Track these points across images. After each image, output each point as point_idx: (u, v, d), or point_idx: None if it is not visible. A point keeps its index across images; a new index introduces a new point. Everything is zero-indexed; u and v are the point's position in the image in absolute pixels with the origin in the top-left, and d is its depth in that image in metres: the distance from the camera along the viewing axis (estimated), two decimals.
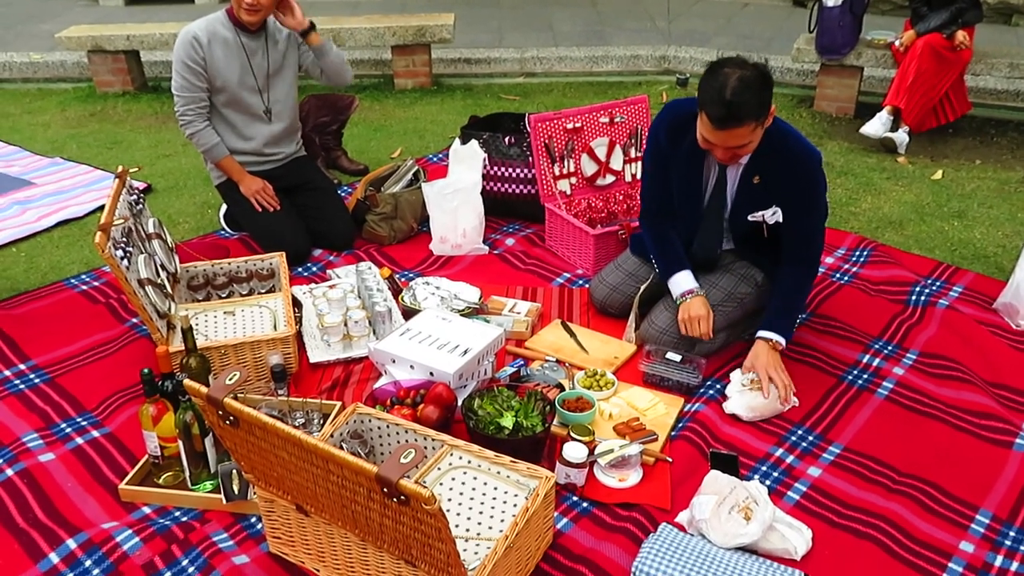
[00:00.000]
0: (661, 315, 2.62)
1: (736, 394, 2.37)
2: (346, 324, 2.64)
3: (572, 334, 2.76)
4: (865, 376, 2.55)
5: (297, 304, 2.84)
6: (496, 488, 1.84)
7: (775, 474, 2.15)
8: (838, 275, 3.15)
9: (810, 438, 2.29)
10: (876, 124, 4.49)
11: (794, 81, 5.72)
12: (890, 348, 2.69)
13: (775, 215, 2.47)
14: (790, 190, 2.42)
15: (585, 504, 2.04)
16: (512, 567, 1.72)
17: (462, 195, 3.28)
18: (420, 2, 7.73)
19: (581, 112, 3.39)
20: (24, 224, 3.66)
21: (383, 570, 1.69)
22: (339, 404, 2.33)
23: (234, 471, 1.99)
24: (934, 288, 3.03)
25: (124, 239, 2.44)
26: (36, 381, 2.54)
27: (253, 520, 1.99)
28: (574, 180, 3.42)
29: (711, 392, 2.45)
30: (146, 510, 2.03)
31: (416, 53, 5.68)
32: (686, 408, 2.39)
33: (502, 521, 1.77)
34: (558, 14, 7.55)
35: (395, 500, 1.39)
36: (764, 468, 2.17)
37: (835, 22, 4.77)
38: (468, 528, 1.76)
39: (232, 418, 1.57)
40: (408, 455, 1.38)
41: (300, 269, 3.25)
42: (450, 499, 1.82)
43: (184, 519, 1.99)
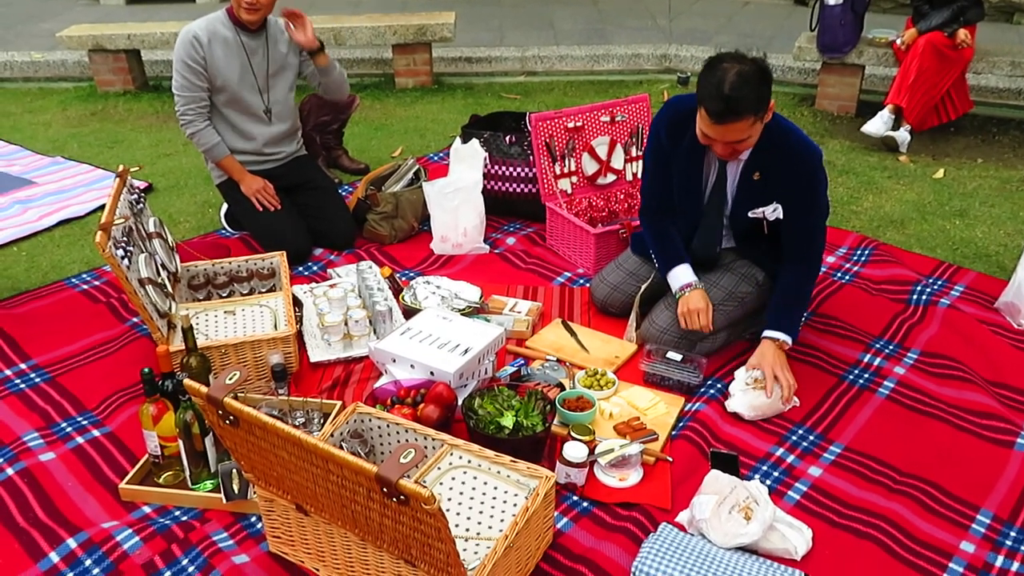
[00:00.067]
0: (662, 314, 2.62)
1: (739, 392, 2.36)
2: (346, 323, 2.64)
3: (573, 333, 2.75)
4: (866, 376, 2.55)
5: (298, 303, 2.84)
6: (496, 488, 1.84)
7: (776, 474, 2.15)
8: (839, 274, 3.14)
9: (811, 438, 2.29)
10: (877, 123, 4.48)
11: (795, 80, 5.71)
12: (891, 347, 2.69)
13: (775, 212, 2.46)
14: (790, 187, 2.41)
15: (585, 504, 2.04)
16: (512, 567, 1.72)
17: (463, 194, 3.27)
18: (421, 1, 7.73)
19: (582, 111, 3.39)
20: (25, 223, 3.66)
21: (383, 570, 1.69)
22: (339, 403, 2.33)
23: (234, 470, 1.99)
24: (935, 287, 3.03)
25: (125, 238, 2.44)
26: (37, 380, 2.54)
27: (253, 519, 1.99)
28: (575, 179, 3.42)
29: (712, 391, 2.45)
30: (146, 509, 2.03)
31: (417, 52, 5.68)
32: (687, 407, 2.39)
33: (502, 521, 1.76)
34: (559, 13, 7.55)
35: (395, 500, 1.39)
36: (764, 468, 2.17)
37: (836, 20, 4.77)
38: (468, 528, 1.75)
39: (232, 418, 1.57)
40: (408, 455, 1.38)
41: (301, 268, 3.25)
42: (450, 499, 1.81)
43: (184, 518, 1.99)
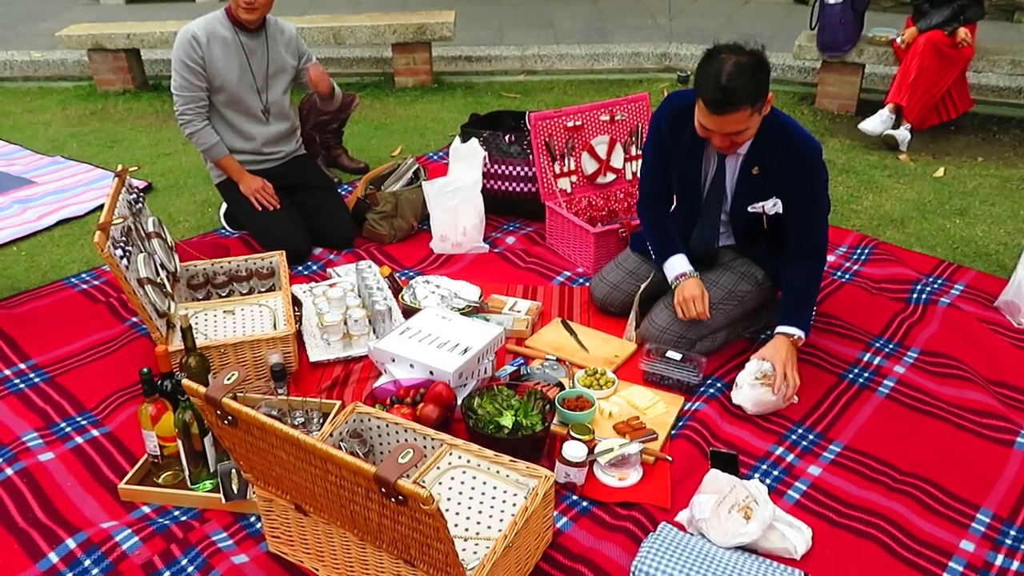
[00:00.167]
0: (661, 313, 2.61)
1: (747, 386, 2.34)
2: (346, 323, 2.64)
3: (572, 333, 2.75)
4: (866, 375, 2.54)
5: (297, 303, 2.84)
6: (495, 487, 1.83)
7: (775, 473, 2.15)
8: (839, 273, 3.14)
9: (810, 437, 2.28)
10: (875, 121, 4.48)
11: (795, 78, 5.71)
12: (891, 346, 2.68)
13: (775, 206, 2.46)
14: (790, 181, 2.41)
15: (585, 503, 2.04)
16: (511, 566, 1.71)
17: (462, 193, 3.27)
18: (421, 0, 7.73)
19: (581, 110, 3.39)
20: (24, 223, 3.66)
21: (382, 570, 1.69)
22: (339, 403, 2.33)
23: (233, 470, 1.99)
24: (935, 286, 3.03)
25: (123, 238, 2.44)
26: (36, 380, 2.54)
27: (252, 519, 1.99)
28: (574, 178, 3.42)
29: (711, 391, 2.44)
30: (145, 509, 2.03)
31: (417, 51, 5.68)
32: (686, 407, 2.39)
33: (501, 520, 1.76)
34: (559, 11, 7.54)
35: (393, 500, 1.39)
36: (764, 467, 2.17)
37: (836, 19, 4.76)
38: (467, 528, 1.75)
39: (230, 418, 1.56)
40: (406, 455, 1.38)
41: (300, 268, 3.24)
42: (449, 498, 1.81)
43: (183, 518, 1.99)
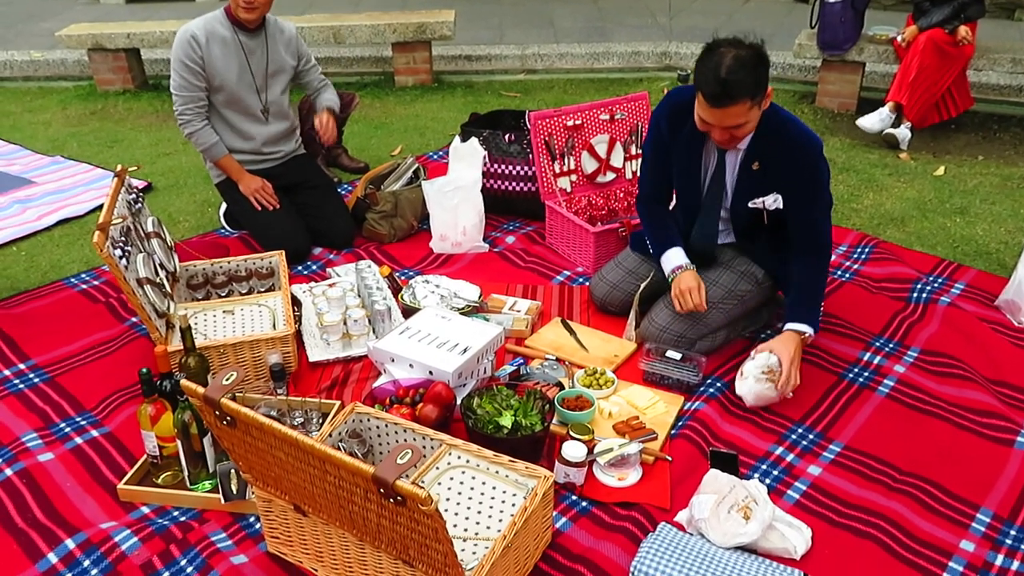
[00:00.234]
0: (661, 313, 2.61)
1: (752, 379, 2.33)
2: (345, 323, 2.63)
3: (572, 332, 2.75)
4: (866, 374, 2.54)
5: (296, 303, 2.84)
6: (495, 488, 1.83)
7: (775, 473, 2.14)
8: (839, 272, 3.13)
9: (810, 436, 2.28)
10: (874, 119, 4.47)
11: (796, 77, 5.70)
12: (891, 346, 2.68)
13: (776, 202, 2.47)
14: (791, 177, 2.41)
15: (584, 503, 2.04)
16: (510, 567, 1.71)
17: (462, 193, 3.27)
18: None
19: (581, 109, 3.38)
20: (24, 223, 3.66)
21: (381, 570, 1.69)
22: (338, 403, 2.33)
23: (232, 471, 1.99)
24: (936, 285, 3.02)
25: (123, 238, 2.44)
26: (36, 381, 2.54)
27: (252, 520, 1.99)
28: (574, 177, 3.42)
29: (711, 390, 2.44)
30: (145, 510, 2.03)
31: (417, 50, 5.67)
32: (686, 406, 2.38)
33: (500, 521, 1.76)
34: (559, 10, 7.54)
35: (392, 500, 1.39)
36: (764, 467, 2.16)
37: (837, 17, 4.76)
38: (466, 528, 1.75)
39: (229, 418, 1.56)
40: (404, 455, 1.37)
41: (300, 268, 3.24)
42: (448, 499, 1.81)
43: (183, 519, 1.99)
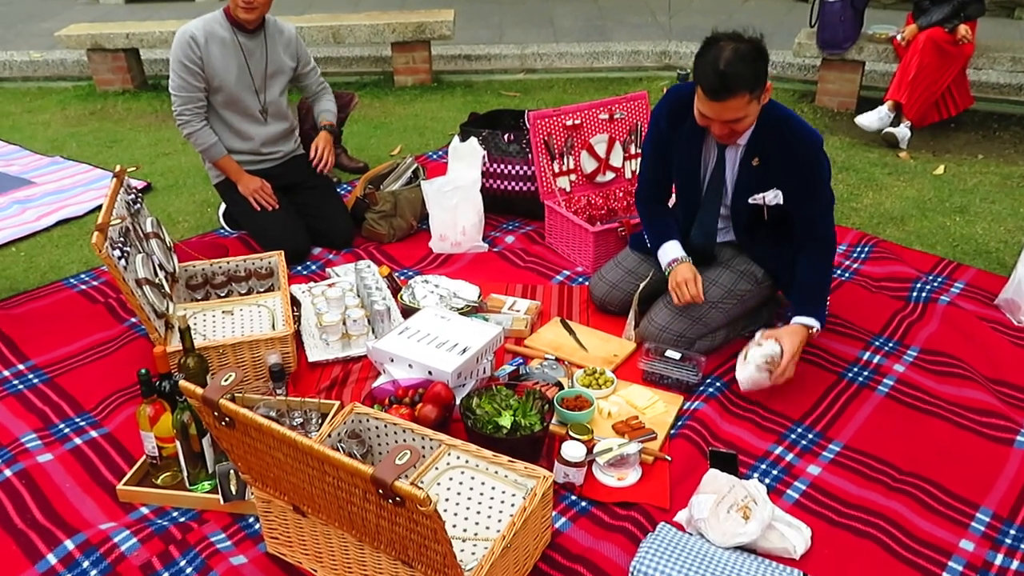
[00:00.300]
0: (661, 312, 2.61)
1: (753, 366, 2.33)
2: (345, 323, 2.63)
3: (571, 332, 2.75)
4: (866, 373, 2.54)
5: (296, 303, 2.84)
6: (494, 488, 1.83)
7: (774, 472, 2.14)
8: (839, 271, 3.13)
9: (810, 436, 2.28)
10: (872, 117, 4.47)
11: (795, 76, 5.70)
12: (891, 345, 2.68)
13: (776, 197, 2.47)
14: (791, 172, 2.41)
15: (583, 503, 2.04)
16: (510, 567, 1.71)
17: (461, 193, 3.27)
18: None
19: (580, 109, 3.38)
20: (24, 223, 3.65)
21: (380, 570, 1.69)
22: (337, 403, 2.33)
23: (232, 471, 1.99)
24: (935, 284, 3.02)
25: (122, 239, 2.44)
26: (35, 381, 2.54)
27: (251, 520, 1.99)
28: (574, 177, 3.41)
29: (711, 390, 2.44)
30: (144, 511, 2.03)
31: (416, 50, 5.67)
32: (685, 406, 2.38)
33: (500, 521, 1.76)
34: (559, 10, 7.53)
35: (390, 501, 1.39)
36: (763, 466, 2.16)
37: (836, 16, 4.76)
38: (466, 528, 1.75)
39: (228, 419, 1.56)
40: (403, 456, 1.37)
41: (299, 268, 3.24)
42: (447, 499, 1.81)
43: (182, 520, 1.99)
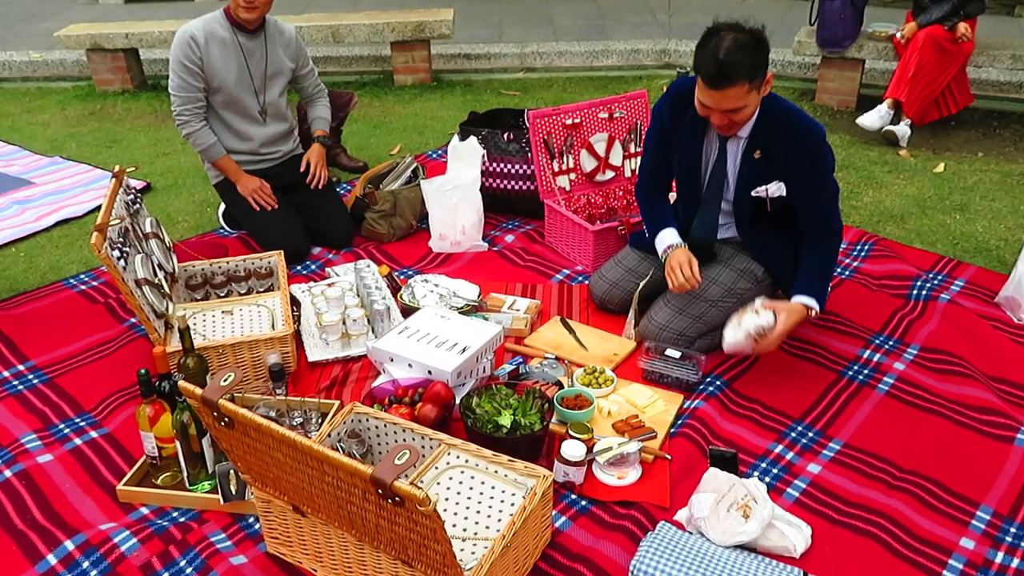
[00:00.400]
0: (661, 311, 2.61)
1: (743, 333, 2.33)
2: (344, 322, 2.63)
3: (571, 331, 2.75)
4: (866, 371, 2.54)
5: (295, 303, 2.84)
6: (494, 487, 1.83)
7: (775, 471, 2.14)
8: (839, 270, 3.13)
9: (810, 434, 2.28)
10: (873, 116, 4.47)
11: (795, 74, 5.69)
12: (891, 343, 2.67)
13: (778, 190, 2.48)
14: (794, 165, 2.42)
15: (584, 502, 2.04)
16: (510, 566, 1.71)
17: (461, 192, 3.26)
18: None
19: (580, 108, 3.38)
20: (23, 224, 3.65)
21: (380, 570, 1.69)
22: (337, 403, 2.33)
23: (231, 471, 1.98)
24: (936, 282, 3.02)
25: (121, 239, 2.44)
26: (35, 382, 2.54)
27: (251, 520, 1.99)
28: (573, 176, 3.41)
29: (711, 389, 2.44)
30: (144, 511, 2.03)
31: (415, 49, 5.67)
32: (685, 405, 2.38)
33: (499, 520, 1.76)
34: (558, 8, 7.53)
35: (390, 501, 1.39)
36: (763, 465, 2.16)
37: (836, 15, 4.76)
38: (466, 528, 1.75)
39: (227, 419, 1.56)
40: (402, 456, 1.37)
41: (299, 267, 3.24)
42: (447, 498, 1.81)
43: (182, 520, 1.99)
